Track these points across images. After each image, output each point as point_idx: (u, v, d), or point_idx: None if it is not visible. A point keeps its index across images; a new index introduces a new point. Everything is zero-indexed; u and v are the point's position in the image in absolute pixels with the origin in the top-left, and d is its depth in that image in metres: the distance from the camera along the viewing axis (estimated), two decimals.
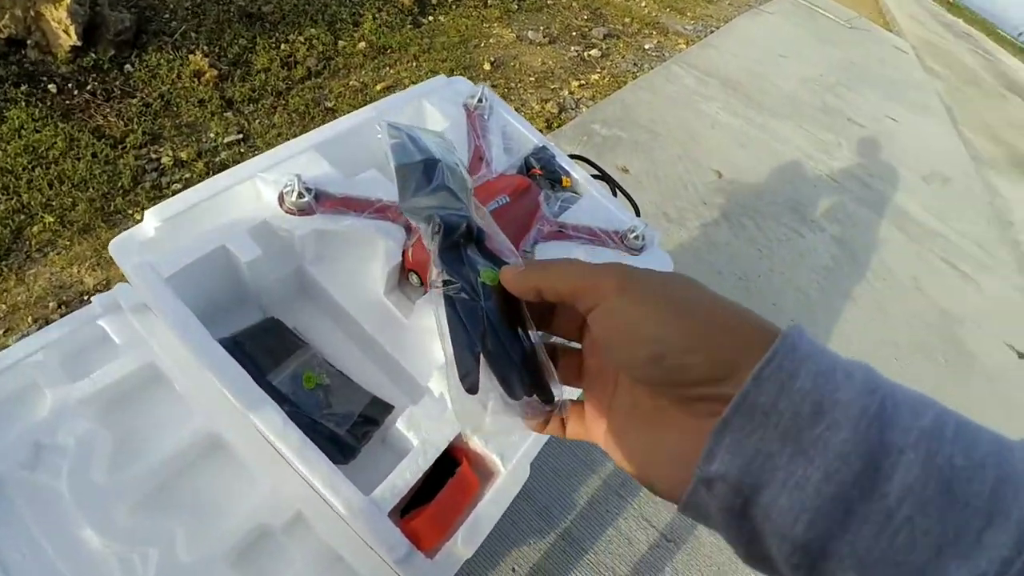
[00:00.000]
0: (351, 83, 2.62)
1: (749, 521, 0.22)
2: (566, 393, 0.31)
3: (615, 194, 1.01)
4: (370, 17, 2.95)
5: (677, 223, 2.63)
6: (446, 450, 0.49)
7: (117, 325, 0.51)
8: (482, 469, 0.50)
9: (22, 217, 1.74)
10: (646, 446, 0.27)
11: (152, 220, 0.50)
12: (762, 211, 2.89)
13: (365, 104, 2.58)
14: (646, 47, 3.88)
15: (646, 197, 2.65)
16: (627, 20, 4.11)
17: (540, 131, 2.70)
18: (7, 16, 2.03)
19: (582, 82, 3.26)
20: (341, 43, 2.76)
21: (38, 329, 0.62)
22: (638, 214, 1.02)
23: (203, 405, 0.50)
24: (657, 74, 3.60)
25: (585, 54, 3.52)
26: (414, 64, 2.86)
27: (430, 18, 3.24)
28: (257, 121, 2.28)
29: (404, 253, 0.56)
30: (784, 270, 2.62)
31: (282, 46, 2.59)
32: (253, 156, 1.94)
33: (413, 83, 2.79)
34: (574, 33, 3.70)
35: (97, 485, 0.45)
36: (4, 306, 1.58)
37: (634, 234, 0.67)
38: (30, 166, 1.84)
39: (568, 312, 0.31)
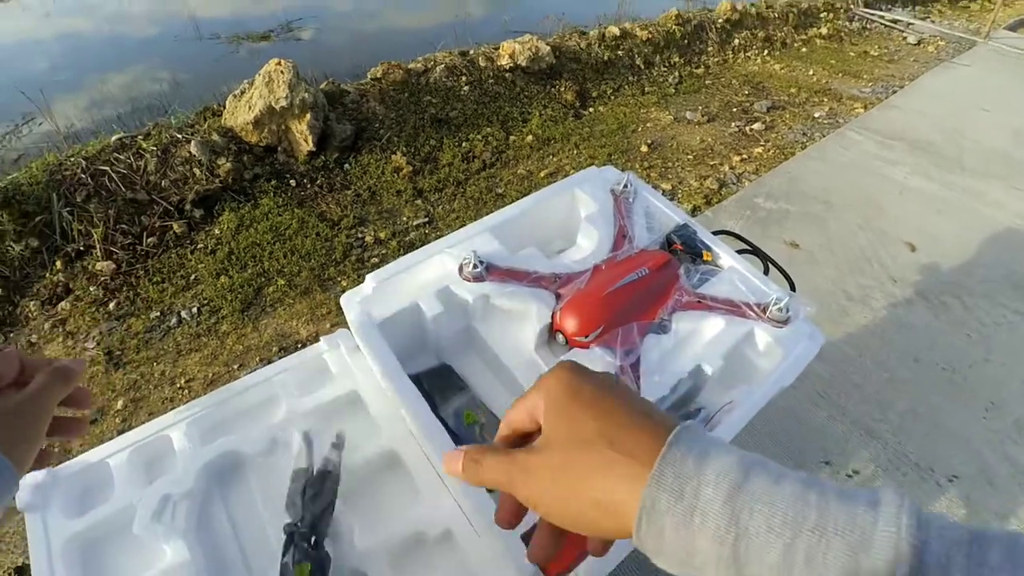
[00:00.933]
0: (519, 171, 2.93)
1: None
2: None
3: (767, 270, 1.01)
4: (537, 114, 3.31)
5: (860, 302, 2.37)
6: None
7: (335, 359, 0.69)
8: None
9: (262, 279, 2.24)
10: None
11: (371, 281, 0.67)
12: (971, 289, 2.47)
13: (530, 189, 2.85)
14: (816, 115, 3.71)
15: (821, 273, 2.46)
16: (793, 91, 3.99)
17: (699, 207, 2.71)
18: (266, 129, 2.71)
19: (744, 156, 3.21)
20: (512, 138, 3.13)
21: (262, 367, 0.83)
22: (793, 289, 1.00)
23: (388, 427, 0.63)
24: (830, 141, 3.40)
25: (747, 128, 3.48)
26: (575, 151, 3.11)
27: (590, 109, 3.52)
28: (440, 207, 2.67)
29: (553, 316, 0.65)
30: (1005, 359, 2.18)
31: (463, 143, 3.02)
32: (436, 236, 2.26)
33: (573, 169, 3.03)
34: (735, 109, 3.70)
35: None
36: (241, 347, 2.02)
37: (777, 306, 0.68)
38: (272, 241, 2.38)
39: None
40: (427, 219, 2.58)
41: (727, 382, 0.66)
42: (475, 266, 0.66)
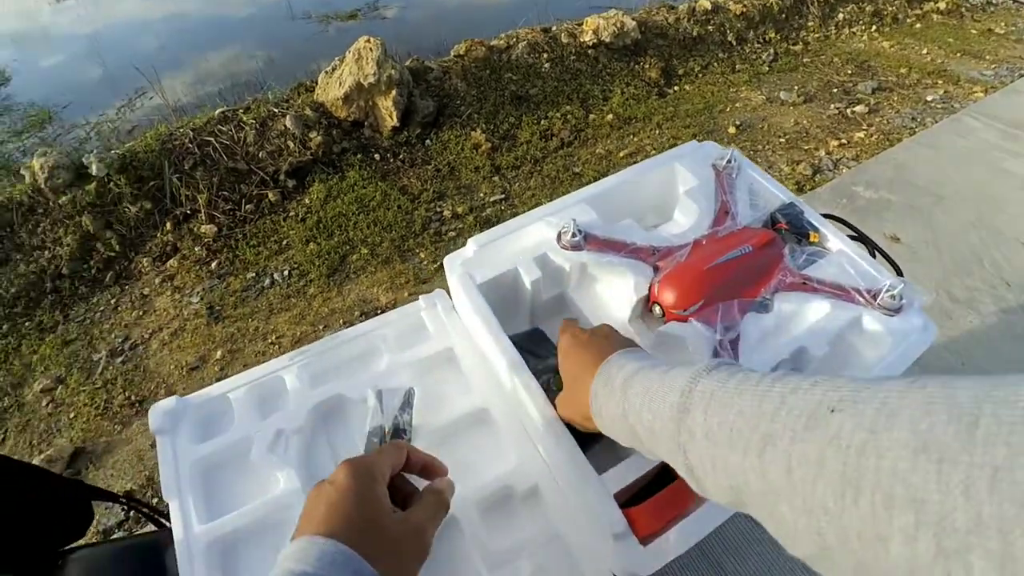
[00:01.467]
0: (597, 151, 2.89)
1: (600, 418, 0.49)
2: None
3: (874, 256, 0.95)
4: (619, 92, 3.23)
5: (965, 305, 2.18)
6: (666, 467, 0.55)
7: (432, 318, 0.72)
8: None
9: (347, 248, 2.35)
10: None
11: (472, 245, 0.70)
12: None
13: (608, 169, 2.80)
14: (928, 99, 3.39)
15: (923, 271, 2.27)
16: (903, 71, 3.65)
17: None
18: (354, 105, 2.81)
19: (842, 141, 2.99)
20: (592, 116, 3.08)
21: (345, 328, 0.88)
22: (900, 274, 0.94)
23: (480, 384, 0.66)
24: (943, 128, 3.10)
25: (848, 111, 3.23)
26: (657, 132, 3.01)
27: (675, 88, 3.39)
28: (517, 184, 2.68)
29: (651, 288, 0.65)
30: None
31: (542, 121, 3.01)
32: (512, 213, 2.27)
33: (655, 150, 2.94)
34: (835, 90, 3.44)
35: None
36: (326, 309, 2.14)
37: (890, 293, 0.64)
38: (357, 212, 2.49)
39: None
40: (503, 195, 2.61)
41: (830, 368, 0.63)
42: (574, 235, 0.66)
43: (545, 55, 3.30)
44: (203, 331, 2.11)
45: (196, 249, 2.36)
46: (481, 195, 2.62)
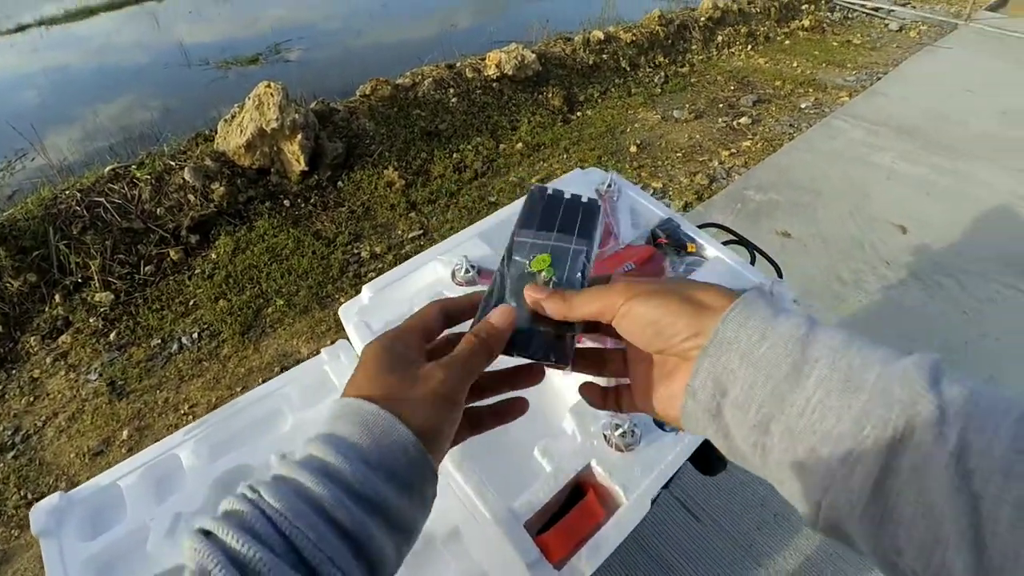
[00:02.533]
0: (510, 179, 2.96)
1: (722, 419, 0.32)
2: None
3: (753, 259, 1.02)
4: (526, 121, 3.35)
5: (853, 286, 2.39)
6: (577, 484, 0.56)
7: (336, 370, 0.70)
8: (607, 501, 0.56)
9: (261, 301, 2.26)
10: (665, 395, 0.37)
11: (367, 291, 0.69)
12: (965, 268, 2.49)
13: (522, 196, 2.87)
14: (802, 106, 3.75)
15: (814, 261, 2.48)
16: (778, 83, 4.03)
17: (690, 203, 2.73)
18: (258, 152, 2.74)
19: (732, 151, 3.24)
20: (502, 146, 3.16)
21: None
22: (780, 275, 1.02)
23: None
24: (816, 131, 3.44)
25: (734, 123, 3.51)
26: (565, 156, 3.14)
27: (578, 114, 3.56)
28: (434, 218, 2.69)
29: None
30: (1001, 335, 2.20)
31: (454, 154, 3.05)
32: (431, 247, 2.23)
33: (563, 172, 3.06)
34: (721, 105, 3.73)
35: None
36: (243, 369, 2.04)
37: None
38: (269, 262, 2.40)
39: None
40: (422, 231, 2.61)
41: None
42: (467, 270, 0.68)
43: (452, 90, 3.37)
44: (105, 411, 1.94)
45: (91, 320, 2.18)
46: (399, 232, 2.60)
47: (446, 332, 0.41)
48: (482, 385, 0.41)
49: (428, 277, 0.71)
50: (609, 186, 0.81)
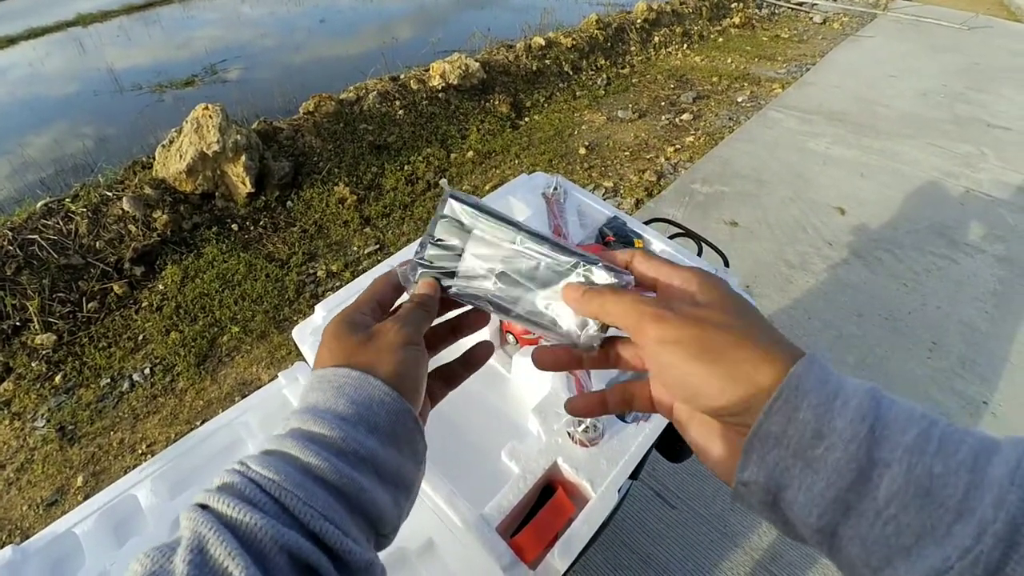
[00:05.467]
0: (464, 187, 2.97)
1: (780, 511, 0.29)
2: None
3: (700, 250, 1.06)
4: (475, 129, 3.36)
5: (800, 268, 2.50)
6: (546, 483, 0.57)
7: (296, 393, 0.69)
8: (576, 496, 0.57)
9: (215, 329, 2.19)
10: (703, 440, 0.35)
11: (320, 311, 0.69)
12: (900, 242, 2.65)
13: None
14: (739, 100, 3.90)
15: (761, 246, 2.58)
16: (715, 79, 4.18)
17: (641, 200, 2.80)
18: (200, 176, 2.66)
19: (677, 147, 3.34)
20: (453, 155, 3.17)
21: None
22: (727, 264, 1.06)
23: None
24: (754, 123, 3.58)
25: (677, 120, 3.63)
26: (516, 161, 3.17)
27: (526, 119, 3.60)
28: (390, 232, 2.67)
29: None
30: (939, 303, 2.34)
31: (405, 167, 3.04)
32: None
33: (517, 177, 3.09)
34: (663, 103, 3.85)
35: None
36: (201, 402, 1.97)
37: None
38: (221, 289, 2.33)
39: None
40: (378, 246, 2.58)
41: None
42: None
43: (398, 102, 3.35)
44: (56, 458, 1.83)
45: (33, 364, 2.07)
46: (355, 249, 2.57)
47: (400, 302, 0.41)
48: (436, 339, 0.41)
49: None
50: (555, 189, 0.82)
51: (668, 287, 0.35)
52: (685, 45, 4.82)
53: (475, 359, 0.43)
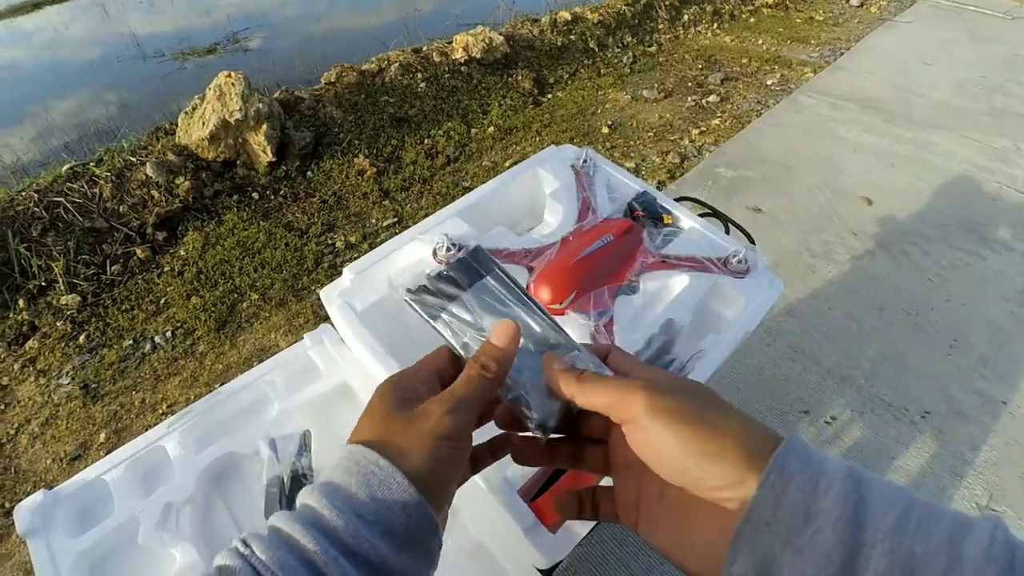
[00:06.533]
0: (484, 163, 2.94)
1: None
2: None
3: (727, 230, 1.04)
4: (496, 105, 3.32)
5: (823, 258, 2.46)
6: None
7: (321, 355, 0.70)
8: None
9: (235, 296, 2.22)
10: (679, 535, 0.33)
11: (348, 274, 0.69)
12: (928, 235, 2.58)
13: None
14: (768, 83, 3.80)
15: (785, 234, 2.53)
16: (744, 61, 4.07)
17: (663, 182, 2.76)
18: (223, 144, 2.66)
19: (702, 129, 3.28)
20: (474, 131, 3.14)
21: None
22: (753, 243, 1.04)
23: None
24: (783, 107, 3.49)
25: (703, 101, 3.55)
26: (537, 139, 3.13)
27: (549, 96, 3.54)
28: (408, 205, 2.66)
29: (527, 287, 0.68)
30: (964, 299, 2.29)
31: (425, 140, 3.02)
32: None
33: None
34: (689, 84, 3.76)
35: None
36: (221, 365, 2.00)
37: (736, 258, 0.72)
38: (241, 256, 2.35)
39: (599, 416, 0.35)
40: (396, 219, 2.58)
41: (697, 333, 0.69)
42: (448, 248, 0.68)
43: (419, 75, 3.32)
44: (80, 415, 1.89)
45: (59, 324, 2.11)
46: (373, 221, 2.57)
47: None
48: (474, 460, 0.39)
49: (409, 257, 0.71)
50: (584, 162, 0.81)
51: (640, 376, 0.35)
52: (715, 24, 4.69)
53: (500, 447, 0.41)
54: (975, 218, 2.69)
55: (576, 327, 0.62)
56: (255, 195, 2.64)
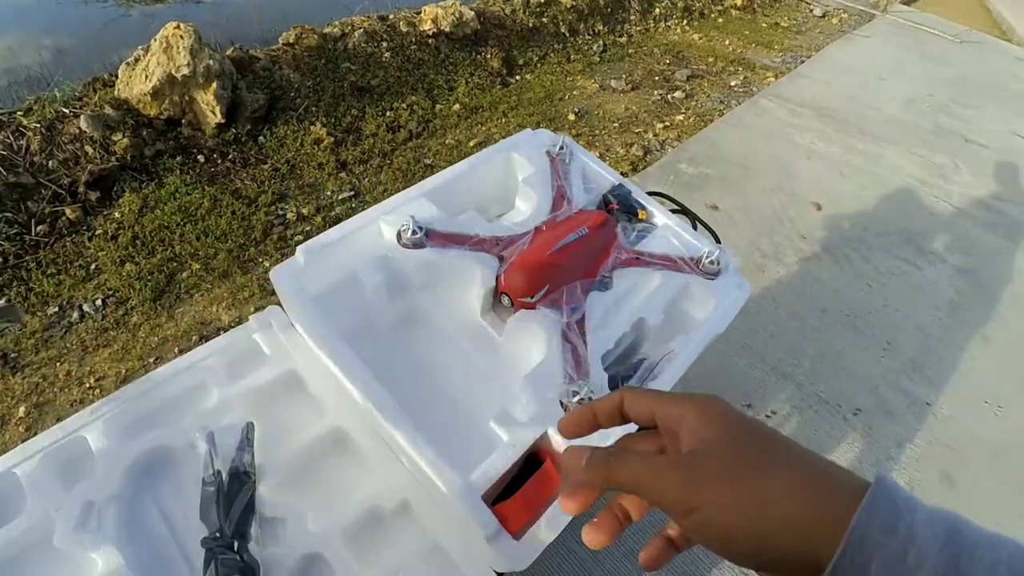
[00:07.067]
0: (447, 141, 2.87)
1: None
2: None
3: (695, 227, 1.04)
4: (463, 82, 3.23)
5: (773, 258, 2.54)
6: (533, 452, 0.55)
7: (268, 339, 0.65)
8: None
9: (174, 264, 2.08)
10: None
11: (302, 253, 0.63)
12: (870, 243, 2.71)
13: (460, 159, 2.81)
14: (732, 84, 3.87)
15: (738, 233, 2.60)
16: (711, 60, 4.13)
17: (625, 174, 2.76)
18: (167, 100, 2.47)
19: (666, 124, 3.30)
20: (438, 107, 3.05)
21: None
22: (718, 241, 1.05)
23: (332, 405, 0.61)
24: (745, 109, 3.56)
25: (669, 97, 3.57)
26: (503, 120, 3.07)
27: (517, 77, 3.48)
28: (366, 179, 2.56)
29: (497, 278, 0.64)
30: (899, 306, 2.42)
31: (387, 113, 2.90)
32: (363, 210, 2.16)
33: (502, 138, 3.00)
34: (657, 78, 3.78)
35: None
36: (156, 338, 1.88)
37: (709, 259, 0.71)
38: (182, 223, 2.20)
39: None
40: (353, 192, 2.48)
41: (666, 333, 0.68)
42: (414, 232, 0.63)
43: (385, 44, 3.18)
44: None
45: None
46: (328, 193, 2.46)
47: None
48: None
49: (371, 238, 0.67)
50: (561, 149, 0.78)
51: (665, 419, 0.32)
52: (685, 21, 4.72)
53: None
54: (913, 229, 2.84)
55: (548, 323, 0.60)
56: (200, 158, 2.48)
